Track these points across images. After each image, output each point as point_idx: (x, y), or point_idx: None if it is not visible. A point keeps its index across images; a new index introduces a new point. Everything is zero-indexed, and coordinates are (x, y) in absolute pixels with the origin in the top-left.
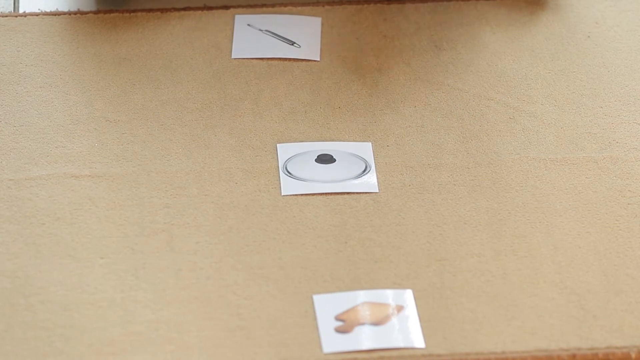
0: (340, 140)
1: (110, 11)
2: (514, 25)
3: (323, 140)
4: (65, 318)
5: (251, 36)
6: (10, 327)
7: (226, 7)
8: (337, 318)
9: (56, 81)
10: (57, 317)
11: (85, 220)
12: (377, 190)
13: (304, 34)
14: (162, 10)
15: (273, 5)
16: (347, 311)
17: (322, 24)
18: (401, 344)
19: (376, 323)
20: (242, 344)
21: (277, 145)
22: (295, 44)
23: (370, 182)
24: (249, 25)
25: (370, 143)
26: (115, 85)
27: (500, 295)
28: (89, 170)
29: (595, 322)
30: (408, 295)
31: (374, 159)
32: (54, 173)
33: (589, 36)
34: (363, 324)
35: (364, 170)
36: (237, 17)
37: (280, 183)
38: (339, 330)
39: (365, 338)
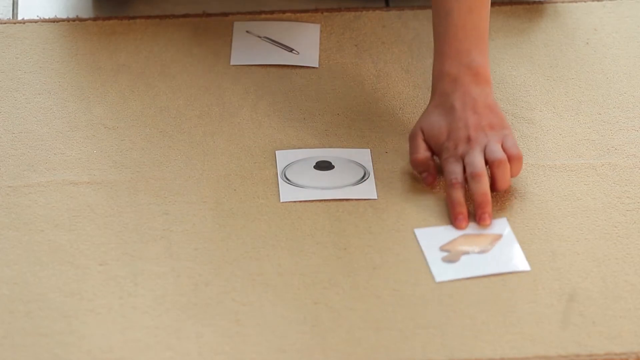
0: (338, 147)
1: (109, 18)
2: (513, 32)
3: (322, 147)
4: (64, 324)
5: (250, 43)
6: (9, 333)
7: (225, 14)
8: (442, 249)
9: (55, 88)
10: (56, 324)
11: (83, 227)
12: (376, 197)
13: (303, 40)
14: (161, 17)
15: (272, 12)
16: (451, 242)
17: (321, 31)
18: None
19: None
20: (241, 350)
21: (276, 152)
22: (293, 51)
23: (368, 188)
24: (247, 32)
25: (368, 150)
26: (114, 92)
27: (499, 301)
28: (88, 177)
29: (594, 329)
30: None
31: (373, 166)
32: (52, 180)
33: (587, 43)
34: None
35: (363, 177)
36: (236, 24)
37: (279, 190)
38: (446, 260)
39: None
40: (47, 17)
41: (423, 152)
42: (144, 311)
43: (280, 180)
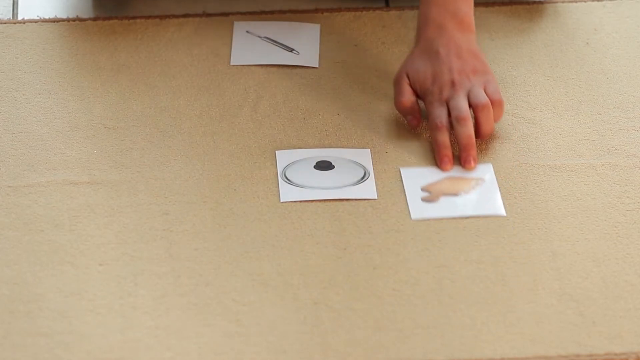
0: (339, 147)
1: (109, 18)
2: (513, 32)
3: (322, 147)
4: (64, 324)
5: (250, 43)
6: (9, 333)
7: (225, 14)
8: (423, 189)
9: (55, 88)
10: (56, 324)
11: (84, 227)
12: (376, 197)
13: (303, 40)
14: (161, 17)
15: (272, 12)
16: (434, 183)
17: (321, 31)
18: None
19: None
20: (241, 350)
21: (276, 151)
22: (294, 51)
23: (368, 188)
24: (248, 32)
25: (369, 150)
26: (114, 92)
27: (499, 301)
28: (88, 177)
29: (594, 329)
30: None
31: (373, 166)
32: (52, 180)
33: (587, 43)
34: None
35: (363, 177)
36: (236, 24)
37: (279, 190)
38: (426, 200)
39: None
40: (47, 17)
41: (409, 97)
42: (144, 311)
43: (280, 180)
